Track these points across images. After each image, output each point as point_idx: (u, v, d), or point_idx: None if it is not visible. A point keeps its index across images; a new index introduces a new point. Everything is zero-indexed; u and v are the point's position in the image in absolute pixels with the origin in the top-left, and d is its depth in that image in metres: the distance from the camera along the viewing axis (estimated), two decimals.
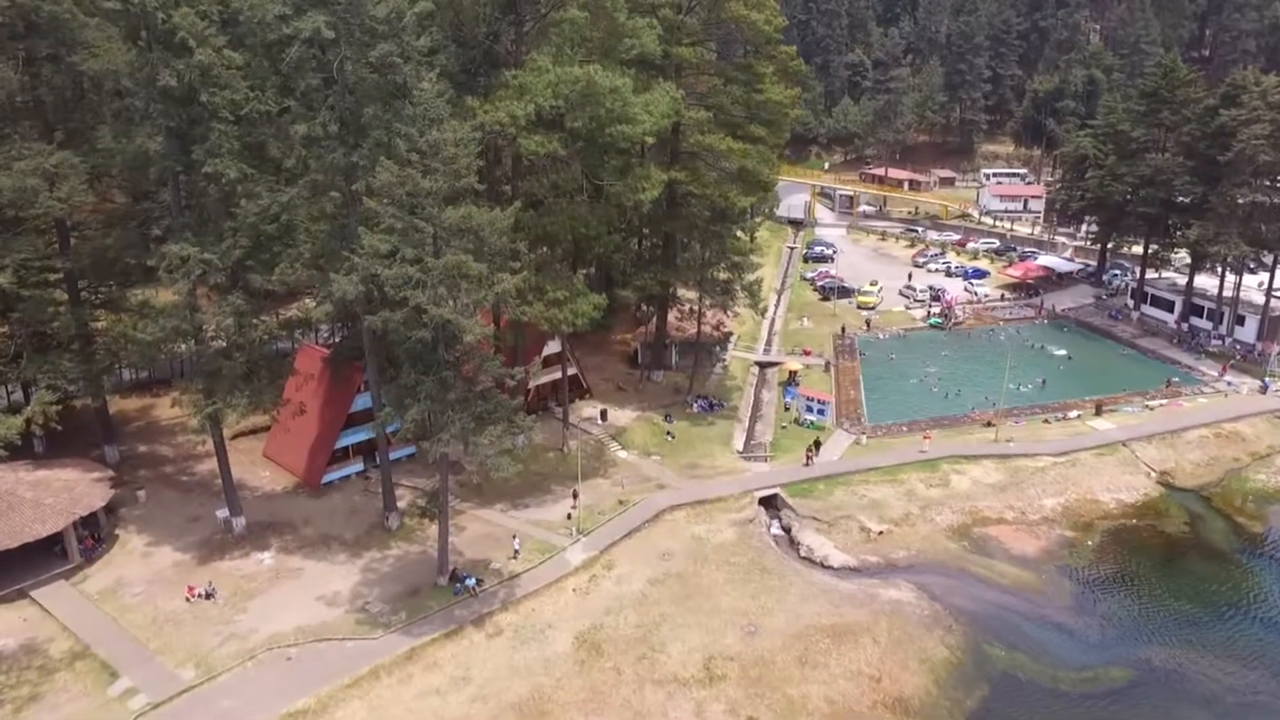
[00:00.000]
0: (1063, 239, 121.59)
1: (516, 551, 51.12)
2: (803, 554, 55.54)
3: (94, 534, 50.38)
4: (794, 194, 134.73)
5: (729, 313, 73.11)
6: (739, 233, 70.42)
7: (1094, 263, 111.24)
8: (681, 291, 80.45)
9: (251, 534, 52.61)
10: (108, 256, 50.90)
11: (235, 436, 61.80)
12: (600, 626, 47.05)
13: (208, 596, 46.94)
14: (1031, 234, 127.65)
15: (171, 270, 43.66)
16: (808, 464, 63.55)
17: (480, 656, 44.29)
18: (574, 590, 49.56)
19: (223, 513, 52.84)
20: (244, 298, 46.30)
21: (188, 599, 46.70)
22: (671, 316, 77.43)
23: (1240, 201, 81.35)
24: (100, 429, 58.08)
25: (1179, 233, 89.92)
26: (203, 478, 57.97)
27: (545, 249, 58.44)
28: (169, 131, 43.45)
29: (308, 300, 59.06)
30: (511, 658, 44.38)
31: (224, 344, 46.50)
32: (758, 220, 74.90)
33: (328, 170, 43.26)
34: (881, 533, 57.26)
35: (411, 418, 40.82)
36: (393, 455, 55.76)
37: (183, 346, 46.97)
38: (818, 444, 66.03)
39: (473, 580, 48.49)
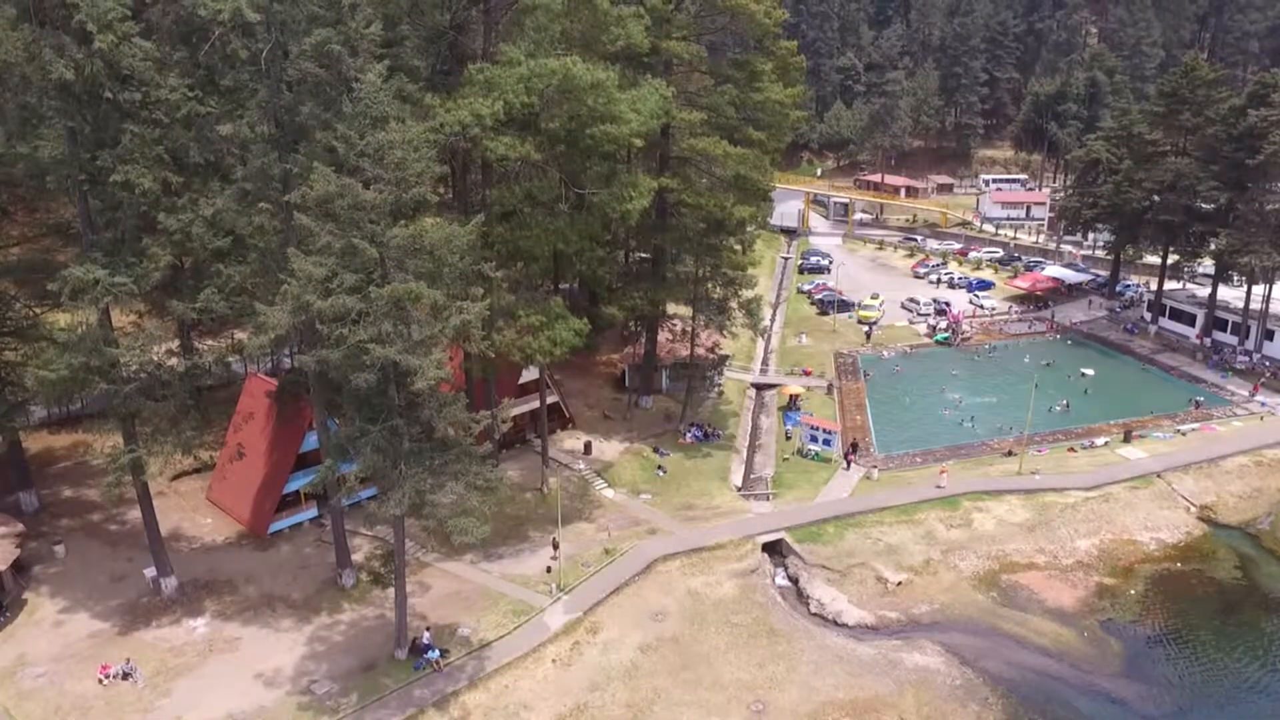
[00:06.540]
0: (1069, 248, 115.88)
1: (431, 648, 41.77)
2: (813, 609, 49.17)
3: None
4: (787, 201, 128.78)
5: (725, 333, 66.71)
6: (735, 245, 63.84)
7: (1102, 272, 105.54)
8: (672, 308, 74.15)
9: (184, 595, 45.82)
10: (14, 276, 44.29)
11: (178, 476, 55.45)
12: (584, 707, 40.50)
13: (125, 677, 40.01)
14: (1036, 243, 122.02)
15: (75, 297, 36.89)
16: (848, 468, 61.39)
17: None
18: (554, 661, 42.95)
19: (151, 571, 46.00)
20: (174, 325, 39.64)
21: (101, 681, 39.73)
22: (662, 336, 70.96)
23: (1270, 208, 75.70)
24: (14, 473, 51.08)
25: (1203, 242, 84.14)
26: (135, 526, 50.61)
27: (520, 264, 51.85)
28: (70, 133, 36.75)
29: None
30: None
31: (140, 384, 39.49)
32: (755, 233, 68.36)
33: (256, 177, 36.54)
34: (900, 583, 50.94)
35: (357, 475, 34.31)
36: (352, 498, 48.78)
37: (101, 386, 39.79)
38: (855, 446, 64.01)
39: (436, 652, 41.79)
